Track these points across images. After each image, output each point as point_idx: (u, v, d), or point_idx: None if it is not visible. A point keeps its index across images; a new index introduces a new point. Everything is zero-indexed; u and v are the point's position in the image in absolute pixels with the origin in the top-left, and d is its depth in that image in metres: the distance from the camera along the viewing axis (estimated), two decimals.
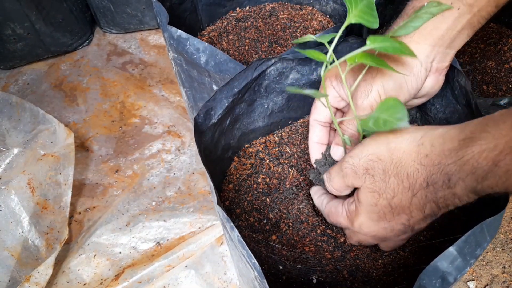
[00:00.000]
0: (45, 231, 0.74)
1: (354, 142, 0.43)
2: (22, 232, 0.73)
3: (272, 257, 0.47)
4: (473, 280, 0.70)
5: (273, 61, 0.48)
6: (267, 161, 0.56)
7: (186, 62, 0.59)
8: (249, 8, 0.82)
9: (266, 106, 0.55)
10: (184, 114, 0.98)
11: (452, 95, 0.46)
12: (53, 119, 0.80)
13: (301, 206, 0.51)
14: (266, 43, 0.73)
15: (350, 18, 0.39)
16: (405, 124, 0.32)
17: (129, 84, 1.06)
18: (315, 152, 0.49)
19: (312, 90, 0.36)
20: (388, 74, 0.41)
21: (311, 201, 0.51)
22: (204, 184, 0.85)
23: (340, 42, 0.48)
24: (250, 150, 0.57)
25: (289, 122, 0.60)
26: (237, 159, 0.56)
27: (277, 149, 0.57)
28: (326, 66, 0.39)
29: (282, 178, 0.54)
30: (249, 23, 0.77)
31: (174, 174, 0.87)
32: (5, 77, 1.09)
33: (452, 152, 0.31)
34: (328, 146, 0.48)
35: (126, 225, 0.78)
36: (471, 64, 0.73)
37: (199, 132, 0.45)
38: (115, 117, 0.99)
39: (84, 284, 0.72)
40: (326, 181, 0.43)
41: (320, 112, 0.47)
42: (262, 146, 0.58)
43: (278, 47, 0.73)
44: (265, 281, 0.32)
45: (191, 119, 0.85)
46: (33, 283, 0.66)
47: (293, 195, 0.52)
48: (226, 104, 0.47)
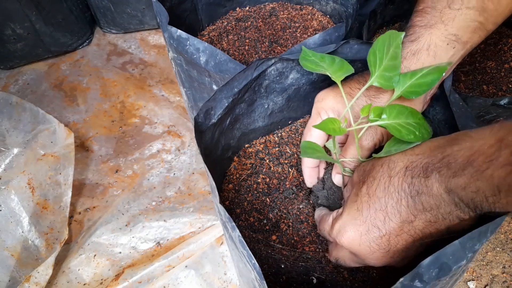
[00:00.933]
0: (45, 231, 0.74)
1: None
2: (22, 232, 0.73)
3: (272, 257, 0.47)
4: (473, 280, 0.70)
5: (273, 61, 0.48)
6: (267, 161, 0.56)
7: (186, 62, 0.59)
8: (249, 8, 0.82)
9: (266, 106, 0.55)
10: (184, 114, 0.98)
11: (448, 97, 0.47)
12: (53, 119, 0.80)
13: (301, 206, 0.51)
14: (266, 43, 0.73)
15: (372, 80, 0.40)
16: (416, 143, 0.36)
17: (129, 84, 1.06)
18: (310, 177, 0.50)
19: (328, 156, 0.41)
20: None
21: (311, 201, 0.51)
22: (204, 184, 0.85)
23: (341, 44, 0.48)
24: (250, 150, 0.57)
25: (289, 122, 0.60)
26: (237, 159, 0.56)
27: (277, 149, 0.57)
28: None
29: (282, 178, 0.54)
30: (249, 23, 0.77)
31: (174, 174, 0.87)
32: (5, 77, 1.09)
33: (436, 148, 0.33)
34: (324, 169, 0.51)
35: (126, 225, 0.78)
36: (471, 64, 0.73)
37: (199, 132, 0.45)
38: (115, 117, 0.99)
39: (84, 284, 0.72)
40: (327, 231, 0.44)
41: (313, 138, 0.49)
42: (262, 146, 0.58)
43: (278, 47, 0.73)
44: (265, 282, 0.32)
45: (191, 119, 0.85)
46: (33, 283, 0.66)
47: (293, 195, 0.52)
48: (226, 104, 0.47)
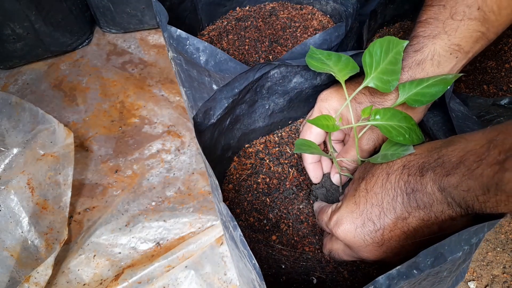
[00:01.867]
0: (44, 231, 0.74)
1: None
2: (22, 232, 0.72)
3: (272, 257, 0.47)
4: (473, 280, 0.70)
5: (276, 65, 0.48)
6: (267, 161, 0.55)
7: (186, 62, 0.59)
8: (249, 7, 0.81)
9: (267, 107, 0.55)
10: (184, 114, 0.98)
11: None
12: (53, 119, 0.80)
13: (301, 206, 0.51)
14: (266, 43, 0.73)
15: (368, 81, 0.41)
16: (411, 150, 0.38)
17: (129, 84, 1.05)
18: (314, 171, 0.51)
19: (322, 152, 0.43)
20: None
21: (311, 201, 0.51)
22: (204, 184, 0.85)
23: (353, 54, 0.48)
24: (250, 150, 0.57)
25: (289, 122, 0.60)
26: (237, 159, 0.56)
27: (277, 149, 0.57)
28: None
29: (282, 178, 0.54)
30: (249, 22, 0.77)
31: (174, 174, 0.87)
32: (5, 77, 1.09)
33: (433, 148, 0.35)
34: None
35: (126, 225, 0.78)
36: (472, 64, 0.73)
37: (198, 132, 0.45)
38: (114, 117, 0.99)
39: (84, 285, 0.72)
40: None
41: (311, 135, 0.50)
42: (262, 146, 0.57)
43: (278, 47, 0.72)
44: (264, 282, 0.32)
45: (191, 119, 0.84)
46: (32, 283, 0.66)
47: (293, 195, 0.52)
48: (226, 105, 0.47)
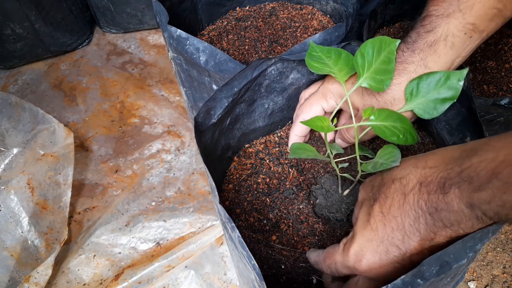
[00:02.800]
0: (44, 231, 0.74)
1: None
2: (22, 232, 0.72)
3: (272, 257, 0.47)
4: (473, 280, 0.70)
5: (273, 61, 0.48)
6: (267, 161, 0.55)
7: (186, 62, 0.59)
8: (249, 7, 0.81)
9: (266, 106, 0.55)
10: (184, 114, 0.98)
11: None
12: (53, 119, 0.80)
13: (301, 206, 0.51)
14: (266, 43, 0.73)
15: (361, 82, 0.41)
16: (396, 164, 0.36)
17: (129, 84, 1.05)
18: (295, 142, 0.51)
19: (319, 155, 0.44)
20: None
21: (311, 201, 0.51)
22: (204, 184, 0.85)
23: (343, 46, 0.48)
24: (250, 150, 0.57)
25: (289, 122, 0.60)
26: (237, 159, 0.56)
27: (277, 149, 0.57)
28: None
29: (282, 178, 0.54)
30: (249, 22, 0.77)
31: (174, 174, 0.87)
32: (5, 77, 1.09)
33: (452, 160, 0.31)
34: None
35: (126, 225, 0.78)
36: (472, 64, 0.73)
37: (199, 132, 0.45)
38: (114, 117, 0.99)
39: (84, 285, 0.72)
40: None
41: (309, 114, 0.50)
42: (262, 146, 0.57)
43: (278, 47, 0.72)
44: (264, 283, 0.32)
45: (191, 119, 0.84)
46: (32, 283, 0.66)
47: (293, 195, 0.52)
48: (226, 104, 0.47)
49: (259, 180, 0.54)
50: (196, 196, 0.83)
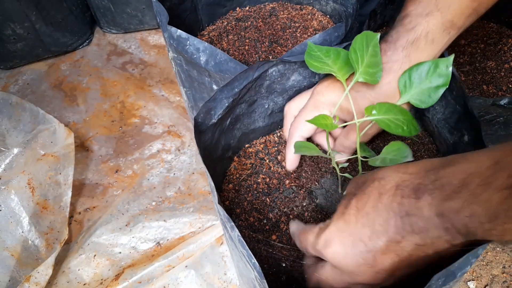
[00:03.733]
0: (45, 231, 0.74)
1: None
2: (22, 232, 0.72)
3: (273, 256, 0.47)
4: (473, 280, 0.70)
5: (274, 62, 0.48)
6: (267, 161, 0.56)
7: (186, 62, 0.59)
8: (249, 8, 0.82)
9: (266, 106, 0.55)
10: (184, 114, 0.98)
11: (450, 95, 0.46)
12: (53, 119, 0.80)
13: (301, 206, 0.51)
14: (266, 43, 0.73)
15: (357, 77, 0.42)
16: (409, 159, 0.38)
17: (129, 84, 1.06)
18: (291, 161, 0.52)
19: (321, 152, 0.45)
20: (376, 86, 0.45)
21: (311, 200, 0.51)
22: (204, 184, 0.85)
23: (344, 47, 0.48)
24: (250, 150, 0.57)
25: None
26: (237, 159, 0.56)
27: (277, 149, 0.57)
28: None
29: (282, 178, 0.54)
30: (249, 23, 0.77)
31: (174, 174, 0.87)
32: (5, 77, 1.09)
33: (431, 169, 0.32)
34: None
35: (126, 225, 0.78)
36: (471, 64, 0.73)
37: (199, 132, 0.45)
38: (115, 117, 0.99)
39: (84, 284, 0.72)
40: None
41: (304, 129, 0.50)
42: (262, 146, 0.58)
43: (278, 47, 0.73)
44: (265, 281, 0.32)
45: (191, 119, 0.85)
46: (33, 283, 0.66)
47: (293, 194, 0.52)
48: (226, 104, 0.47)
49: (259, 180, 0.54)
50: (196, 196, 0.83)
